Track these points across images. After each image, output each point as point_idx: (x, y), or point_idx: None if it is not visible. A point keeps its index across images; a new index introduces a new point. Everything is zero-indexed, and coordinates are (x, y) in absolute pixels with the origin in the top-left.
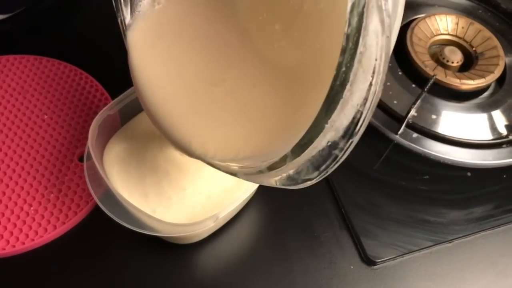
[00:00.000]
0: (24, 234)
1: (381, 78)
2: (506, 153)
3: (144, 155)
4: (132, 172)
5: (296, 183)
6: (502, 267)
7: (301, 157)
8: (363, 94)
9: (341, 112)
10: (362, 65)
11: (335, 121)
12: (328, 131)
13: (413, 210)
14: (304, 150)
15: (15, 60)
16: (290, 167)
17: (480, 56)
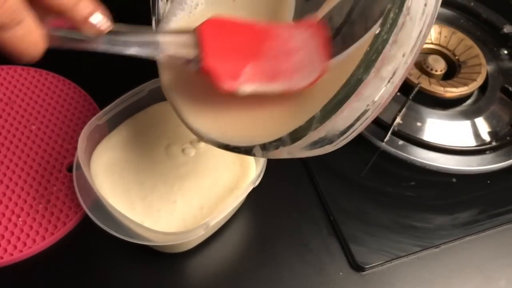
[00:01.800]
0: (13, 245)
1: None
2: (489, 159)
3: (129, 166)
4: (118, 183)
5: (318, 147)
6: (488, 271)
7: (332, 118)
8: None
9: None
10: (409, 13)
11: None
12: (363, 90)
13: (400, 216)
14: (338, 108)
15: (2, 70)
16: (316, 132)
17: (463, 64)
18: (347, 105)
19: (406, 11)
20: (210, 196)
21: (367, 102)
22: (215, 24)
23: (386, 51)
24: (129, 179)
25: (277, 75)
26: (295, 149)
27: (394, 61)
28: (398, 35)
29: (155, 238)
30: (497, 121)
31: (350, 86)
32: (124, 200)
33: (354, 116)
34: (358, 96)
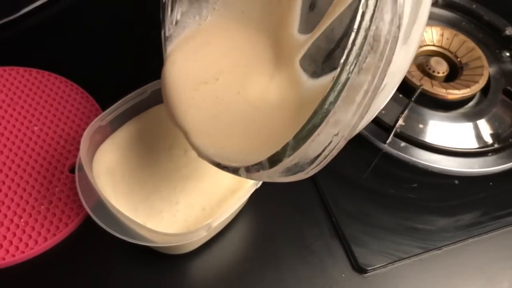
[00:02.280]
0: (15, 246)
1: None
2: (492, 161)
3: (131, 168)
4: (120, 184)
5: (291, 174)
6: (490, 273)
7: (303, 147)
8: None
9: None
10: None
11: (338, 110)
12: (331, 119)
13: (403, 218)
14: (308, 136)
15: (5, 72)
16: (291, 158)
17: (465, 66)
18: (314, 135)
19: (370, 40)
20: (212, 197)
21: (334, 133)
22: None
23: (353, 80)
24: (131, 180)
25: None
26: (273, 174)
27: (362, 90)
28: (364, 64)
29: (157, 239)
30: (499, 123)
31: (317, 117)
32: (126, 201)
33: (322, 146)
34: (325, 127)
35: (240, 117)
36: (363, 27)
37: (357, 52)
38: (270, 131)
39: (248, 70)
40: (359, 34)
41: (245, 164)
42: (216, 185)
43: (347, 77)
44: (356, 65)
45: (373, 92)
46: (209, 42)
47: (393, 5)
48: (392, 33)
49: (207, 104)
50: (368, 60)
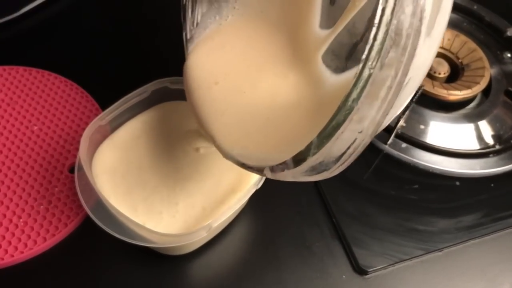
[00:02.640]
0: (13, 247)
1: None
2: (493, 163)
3: (131, 167)
4: (119, 184)
5: (316, 173)
6: (492, 275)
7: (327, 145)
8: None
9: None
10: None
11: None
12: (355, 116)
13: (404, 219)
14: (332, 134)
15: (4, 71)
16: (315, 157)
17: (466, 67)
18: (338, 133)
19: (392, 34)
20: (213, 197)
21: (358, 130)
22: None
23: (375, 76)
24: (131, 180)
25: None
26: (297, 173)
27: (385, 85)
28: (386, 59)
29: (157, 240)
30: (501, 124)
31: (340, 114)
32: (126, 202)
33: (347, 143)
34: (348, 124)
35: (259, 117)
36: (384, 21)
37: (379, 47)
38: (292, 130)
39: (266, 69)
40: (380, 28)
41: (270, 164)
42: (217, 186)
43: (369, 73)
44: (379, 61)
45: (397, 87)
46: (228, 43)
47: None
48: (414, 27)
49: (227, 104)
50: (390, 55)
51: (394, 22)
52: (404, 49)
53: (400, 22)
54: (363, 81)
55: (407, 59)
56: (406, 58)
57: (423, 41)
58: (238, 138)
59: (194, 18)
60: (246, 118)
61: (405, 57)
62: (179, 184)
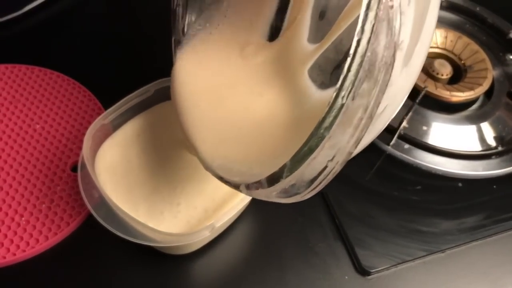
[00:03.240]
0: (15, 245)
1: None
2: (495, 164)
3: (131, 166)
4: (120, 182)
5: (288, 196)
6: (494, 277)
7: (299, 169)
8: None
9: (340, 126)
10: (368, 72)
11: (333, 135)
12: (327, 143)
13: (406, 220)
14: (305, 159)
15: (6, 69)
16: (288, 179)
17: (469, 69)
18: (311, 159)
19: (366, 65)
20: (215, 199)
21: (329, 157)
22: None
23: (348, 105)
24: (132, 179)
25: None
26: (270, 194)
27: (358, 115)
28: (359, 89)
29: (160, 239)
30: (503, 126)
31: (312, 140)
32: (127, 201)
33: (318, 169)
34: (320, 151)
35: (240, 131)
36: (359, 52)
37: (353, 78)
38: (273, 146)
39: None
40: (355, 59)
41: (246, 181)
42: (219, 187)
43: (342, 103)
44: (352, 91)
45: (368, 117)
46: (214, 55)
47: (387, 31)
48: (388, 59)
49: (211, 114)
50: (363, 86)
51: (368, 54)
52: (376, 81)
53: (374, 54)
54: (336, 110)
55: (379, 91)
56: (378, 90)
57: (399, 71)
58: (219, 151)
59: (184, 24)
60: (227, 133)
61: (377, 89)
62: (180, 185)
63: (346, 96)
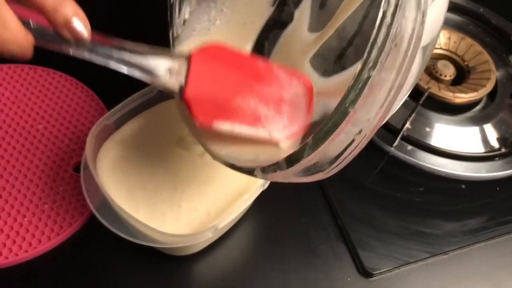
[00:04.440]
0: (18, 246)
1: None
2: (498, 166)
3: (132, 166)
4: (121, 182)
5: (310, 174)
6: (497, 279)
7: (322, 146)
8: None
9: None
10: (395, 43)
11: (359, 109)
12: (352, 118)
13: (409, 222)
14: (328, 135)
15: (9, 69)
16: (309, 157)
17: (472, 70)
18: (335, 134)
19: (392, 37)
20: (217, 201)
21: (355, 132)
22: (211, 52)
23: (374, 79)
24: (132, 179)
25: (257, 121)
26: (289, 174)
27: (383, 89)
28: (385, 62)
29: (163, 240)
30: (506, 127)
31: (337, 116)
32: (128, 201)
33: (343, 145)
34: (345, 126)
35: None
36: (384, 24)
37: (379, 50)
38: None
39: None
40: (381, 31)
41: (260, 165)
42: (221, 190)
43: (368, 75)
44: (378, 63)
45: (396, 90)
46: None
47: (417, 3)
48: (416, 31)
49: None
50: (389, 58)
51: (395, 26)
52: (406, 52)
53: (402, 25)
54: (362, 83)
55: (408, 63)
56: (407, 61)
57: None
58: (225, 139)
59: (181, 18)
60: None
61: (407, 60)
62: (179, 187)
63: (373, 68)
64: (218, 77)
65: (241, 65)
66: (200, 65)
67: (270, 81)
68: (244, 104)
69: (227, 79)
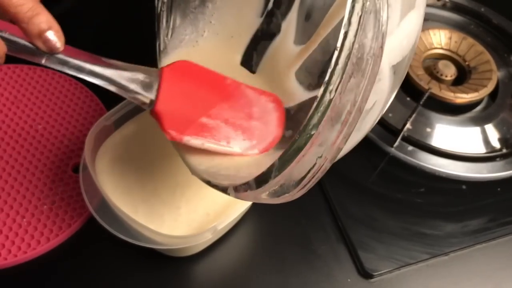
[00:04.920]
0: (17, 247)
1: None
2: (500, 167)
3: (131, 168)
4: (120, 183)
5: (277, 196)
6: (498, 280)
7: (287, 168)
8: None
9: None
10: (356, 65)
11: (322, 132)
12: (316, 140)
13: (410, 223)
14: (293, 157)
15: (9, 69)
16: (276, 179)
17: (473, 70)
18: (299, 156)
19: (354, 57)
20: (217, 202)
21: (318, 154)
22: (182, 68)
23: (336, 100)
24: (131, 179)
25: (228, 137)
26: (259, 195)
27: (346, 110)
28: (347, 83)
29: (163, 241)
30: (507, 128)
31: (301, 138)
32: (126, 202)
33: (307, 167)
34: (310, 148)
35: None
36: (346, 45)
37: (341, 71)
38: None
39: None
40: (342, 52)
41: (233, 184)
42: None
43: (330, 98)
44: (340, 85)
45: (357, 112)
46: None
47: (375, 22)
48: (375, 51)
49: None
50: (352, 80)
51: (355, 47)
52: (364, 74)
53: (362, 46)
54: (324, 106)
55: (367, 85)
56: (366, 83)
57: (387, 66)
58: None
59: (168, 29)
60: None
61: (365, 83)
62: (179, 188)
63: (334, 90)
64: (188, 93)
65: (210, 81)
66: (171, 81)
67: (239, 97)
68: (214, 119)
69: (197, 94)
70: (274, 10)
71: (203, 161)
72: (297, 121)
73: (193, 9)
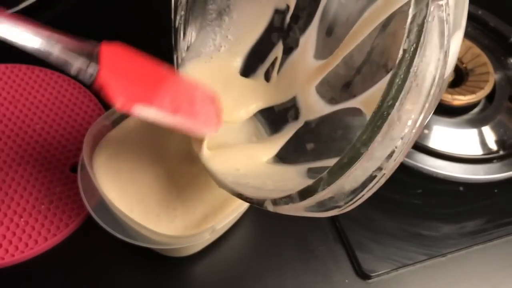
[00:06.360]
0: (14, 246)
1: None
2: (496, 168)
3: (126, 167)
4: (116, 182)
5: (325, 209)
6: (495, 281)
7: (337, 182)
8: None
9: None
10: (417, 82)
11: (376, 147)
12: (369, 153)
13: (407, 224)
14: (343, 173)
15: (7, 69)
16: (324, 192)
17: (470, 72)
18: (350, 171)
19: (412, 76)
20: (215, 204)
21: (373, 167)
22: (119, 46)
23: (393, 116)
24: (127, 179)
25: (178, 110)
26: (302, 208)
27: (401, 126)
28: (405, 98)
29: (161, 241)
30: (504, 130)
31: (354, 151)
32: (121, 202)
33: (360, 180)
34: (363, 161)
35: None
36: (404, 62)
37: (398, 87)
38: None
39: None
40: (401, 69)
41: (270, 196)
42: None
43: (387, 112)
44: (398, 101)
45: (418, 128)
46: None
47: (440, 41)
48: (439, 70)
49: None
50: (409, 96)
51: (416, 64)
52: (428, 92)
53: (422, 65)
54: (381, 121)
55: (431, 102)
56: (430, 101)
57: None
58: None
59: (186, 42)
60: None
61: (429, 100)
62: (174, 190)
63: (392, 105)
64: (131, 67)
65: (150, 63)
66: (111, 54)
67: (179, 82)
68: (160, 93)
69: (141, 70)
70: (292, 25)
71: (229, 174)
72: (318, 134)
73: (209, 21)
